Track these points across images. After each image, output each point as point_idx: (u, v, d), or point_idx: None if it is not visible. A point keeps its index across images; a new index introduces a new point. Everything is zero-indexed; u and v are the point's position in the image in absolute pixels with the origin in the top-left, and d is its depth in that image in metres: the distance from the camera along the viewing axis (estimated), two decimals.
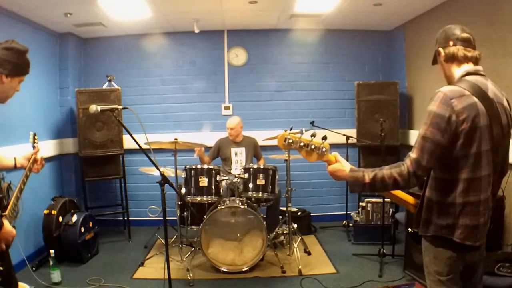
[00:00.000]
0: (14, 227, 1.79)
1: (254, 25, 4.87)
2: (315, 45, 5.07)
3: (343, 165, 1.68)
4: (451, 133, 1.48)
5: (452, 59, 1.63)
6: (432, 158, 1.49)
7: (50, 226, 3.71)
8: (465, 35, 1.63)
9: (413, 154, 1.52)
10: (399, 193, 1.77)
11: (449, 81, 1.69)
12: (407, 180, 1.50)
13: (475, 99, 1.50)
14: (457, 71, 1.63)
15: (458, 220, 1.55)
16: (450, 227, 1.56)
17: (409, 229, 1.79)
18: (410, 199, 1.78)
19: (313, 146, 1.70)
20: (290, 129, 1.59)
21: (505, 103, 1.61)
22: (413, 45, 4.56)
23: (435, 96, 1.55)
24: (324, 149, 1.70)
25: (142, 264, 3.71)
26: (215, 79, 5.05)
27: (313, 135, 1.71)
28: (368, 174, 1.57)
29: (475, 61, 1.62)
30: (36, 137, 2.19)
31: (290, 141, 1.72)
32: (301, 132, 1.74)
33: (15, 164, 2.10)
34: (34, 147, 2.15)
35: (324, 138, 1.73)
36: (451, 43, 1.63)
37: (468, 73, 1.59)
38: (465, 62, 1.62)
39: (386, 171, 1.54)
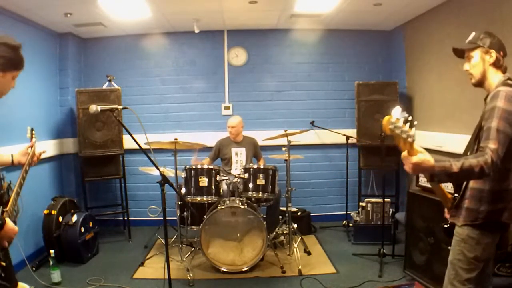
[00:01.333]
0: (14, 222, 1.79)
1: (254, 25, 4.87)
2: (315, 45, 5.07)
3: (428, 156, 1.62)
4: None
5: (498, 66, 1.84)
6: (504, 148, 1.64)
7: (50, 226, 3.71)
8: (506, 51, 1.87)
9: (492, 145, 1.62)
10: (443, 189, 1.94)
11: (481, 78, 1.87)
12: (490, 168, 1.60)
13: None
14: (496, 76, 1.84)
15: (509, 204, 1.76)
16: (500, 211, 1.76)
17: (444, 225, 1.98)
18: (449, 195, 1.94)
19: (408, 134, 1.60)
20: (397, 113, 1.50)
21: None
22: (413, 45, 4.56)
23: (498, 94, 1.70)
24: (413, 139, 1.61)
25: (142, 264, 3.71)
26: (215, 79, 5.05)
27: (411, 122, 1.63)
28: (455, 164, 1.61)
29: (505, 72, 1.87)
30: (33, 132, 2.19)
31: (398, 124, 1.59)
32: (403, 117, 1.61)
33: (12, 161, 2.09)
34: (31, 141, 2.15)
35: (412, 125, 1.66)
36: (502, 53, 1.85)
37: (509, 79, 1.81)
38: (503, 72, 1.85)
39: (472, 160, 1.61)
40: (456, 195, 1.91)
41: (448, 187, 2.10)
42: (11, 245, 1.85)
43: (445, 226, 1.96)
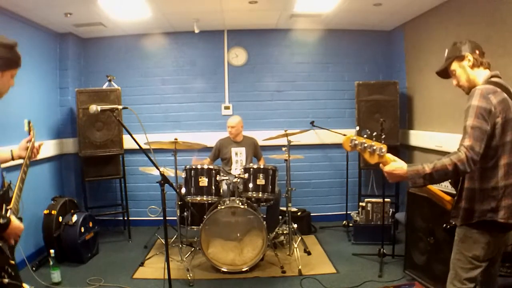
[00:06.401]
0: (20, 218, 1.79)
1: (254, 25, 4.87)
2: (315, 45, 5.07)
3: (400, 164, 1.76)
4: (492, 123, 1.71)
5: (479, 64, 1.89)
6: (482, 144, 1.68)
7: (50, 226, 3.71)
8: (482, 49, 1.92)
9: (466, 142, 1.67)
10: (437, 190, 1.99)
11: (469, 84, 1.91)
12: (465, 165, 1.64)
13: (506, 95, 1.76)
14: (482, 74, 1.89)
15: (501, 202, 1.76)
16: (494, 210, 1.77)
17: (446, 225, 2.07)
18: (446, 196, 1.99)
19: (375, 147, 1.76)
20: (357, 131, 1.72)
21: None
22: (413, 45, 4.56)
23: (474, 93, 1.76)
24: (383, 150, 1.76)
25: (142, 264, 3.71)
26: (215, 79, 5.05)
27: (374, 137, 1.81)
28: (427, 165, 1.68)
29: (490, 68, 1.91)
30: (31, 124, 2.19)
31: (356, 142, 1.77)
32: (366, 134, 1.78)
33: (12, 157, 2.10)
34: (29, 134, 2.15)
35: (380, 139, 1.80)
36: (478, 51, 1.90)
37: (493, 76, 1.85)
38: (487, 68, 1.90)
39: (445, 159, 1.67)
40: (456, 197, 1.93)
41: (448, 187, 2.13)
42: (17, 245, 1.85)
43: (447, 227, 1.99)
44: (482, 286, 1.97)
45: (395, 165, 1.75)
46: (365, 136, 1.80)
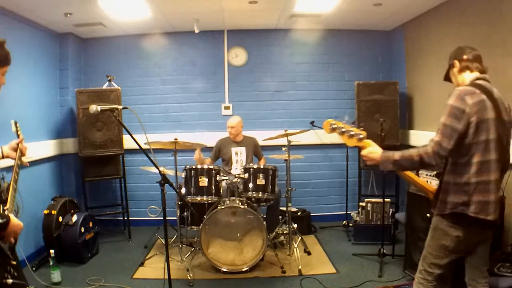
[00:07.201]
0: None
1: (254, 25, 4.87)
2: (315, 45, 5.07)
3: (376, 149, 1.99)
4: (465, 122, 1.81)
5: (465, 68, 2.02)
6: (450, 141, 1.81)
7: (50, 226, 3.71)
8: (476, 53, 2.03)
9: (435, 138, 1.84)
10: (422, 181, 2.17)
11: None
12: (431, 157, 1.82)
13: (484, 97, 1.85)
14: (468, 77, 2.00)
15: (472, 198, 1.85)
16: (465, 204, 1.87)
17: (428, 215, 2.22)
18: (429, 186, 2.16)
19: (353, 132, 1.96)
20: (335, 118, 1.92)
21: (506, 104, 1.96)
22: (413, 45, 4.56)
23: (453, 93, 1.89)
24: (361, 136, 1.96)
25: (142, 264, 3.71)
26: (215, 79, 5.05)
27: (353, 123, 2.02)
28: (397, 153, 1.90)
29: (482, 71, 2.00)
30: (18, 125, 2.18)
31: (334, 126, 1.98)
32: (345, 120, 1.98)
33: (2, 155, 2.10)
34: (18, 136, 2.14)
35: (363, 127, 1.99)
36: (465, 56, 2.02)
37: (478, 78, 1.96)
38: (475, 71, 2.00)
39: (414, 150, 1.87)
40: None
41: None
42: (17, 243, 1.85)
43: (428, 216, 2.13)
44: (470, 280, 2.06)
45: (372, 149, 1.97)
46: (344, 122, 2.01)
